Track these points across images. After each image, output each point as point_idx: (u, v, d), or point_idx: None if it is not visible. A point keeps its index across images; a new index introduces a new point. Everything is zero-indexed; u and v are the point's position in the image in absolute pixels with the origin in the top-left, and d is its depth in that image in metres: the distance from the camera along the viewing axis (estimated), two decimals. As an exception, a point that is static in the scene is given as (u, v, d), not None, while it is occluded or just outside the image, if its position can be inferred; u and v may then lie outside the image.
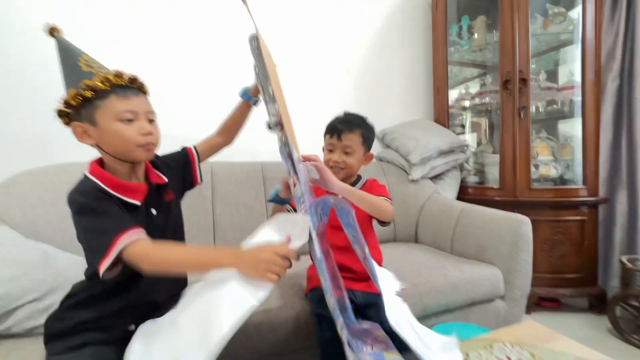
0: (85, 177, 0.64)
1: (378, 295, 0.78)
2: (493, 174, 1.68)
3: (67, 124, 0.65)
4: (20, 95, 1.21)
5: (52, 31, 0.68)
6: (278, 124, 0.69)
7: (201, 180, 0.85)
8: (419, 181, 1.60)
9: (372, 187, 0.94)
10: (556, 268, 1.49)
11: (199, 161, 0.85)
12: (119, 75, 0.63)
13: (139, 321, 0.65)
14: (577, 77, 1.60)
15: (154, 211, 0.69)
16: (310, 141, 1.13)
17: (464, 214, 1.31)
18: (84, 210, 0.59)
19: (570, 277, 1.48)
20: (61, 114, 0.63)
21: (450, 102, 1.86)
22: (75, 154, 1.25)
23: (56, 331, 0.64)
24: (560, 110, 1.69)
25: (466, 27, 1.76)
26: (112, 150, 0.64)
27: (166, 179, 0.73)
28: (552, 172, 1.59)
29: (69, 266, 0.89)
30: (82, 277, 0.87)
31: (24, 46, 1.20)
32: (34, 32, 1.21)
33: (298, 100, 1.64)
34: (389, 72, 1.87)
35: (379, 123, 1.83)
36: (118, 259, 0.58)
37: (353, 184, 0.94)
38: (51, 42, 1.22)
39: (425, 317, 1.00)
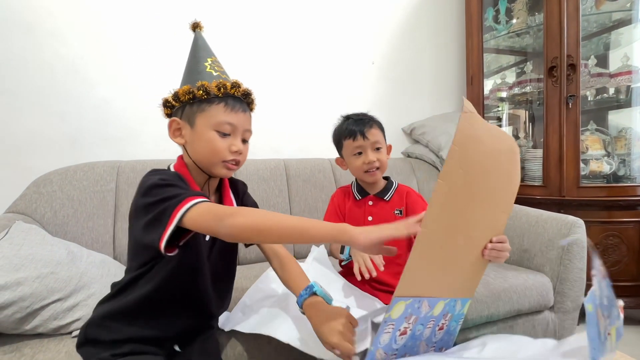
0: (168, 171, 0.63)
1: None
2: (534, 171, 1.54)
3: (168, 115, 0.64)
4: (50, 96, 1.22)
5: (195, 27, 0.68)
6: None
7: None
8: (452, 178, 1.49)
9: (415, 202, 0.85)
10: (610, 275, 1.33)
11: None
12: (235, 85, 0.62)
13: (182, 342, 0.63)
14: (635, 62, 1.43)
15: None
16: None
17: (505, 215, 1.19)
18: (160, 184, 0.55)
19: (627, 285, 1.33)
20: (167, 104, 0.63)
21: (484, 93, 1.72)
22: (103, 153, 1.27)
23: (99, 339, 0.60)
24: (614, 99, 1.52)
25: (504, 10, 1.62)
26: (196, 157, 0.62)
27: (235, 204, 0.70)
28: (605, 168, 1.43)
29: (94, 265, 0.88)
30: (106, 276, 0.86)
31: (53, 46, 1.21)
32: (63, 34, 1.23)
33: (321, 94, 1.58)
34: (418, 62, 1.76)
35: (407, 116, 1.76)
36: (180, 236, 0.53)
37: (385, 190, 0.87)
38: (80, 43, 1.24)
39: (465, 329, 0.91)
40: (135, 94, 1.31)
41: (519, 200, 1.30)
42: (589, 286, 1.04)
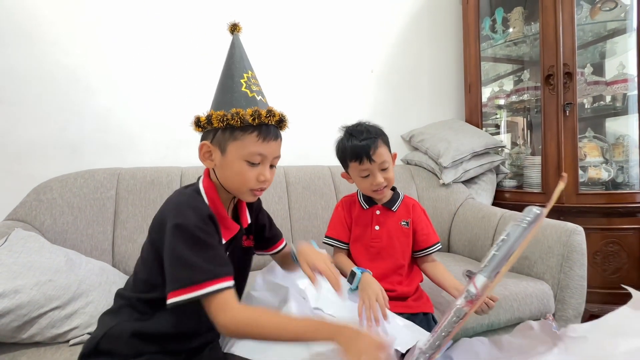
0: (198, 190, 0.62)
1: (416, 315, 0.77)
2: (532, 178, 1.55)
3: (198, 131, 0.64)
4: (50, 104, 1.23)
5: (234, 29, 0.66)
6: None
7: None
8: (451, 185, 1.49)
9: (419, 217, 0.87)
10: (610, 283, 1.33)
11: (276, 253, 0.80)
12: (270, 114, 0.61)
13: (192, 354, 0.63)
14: (630, 70, 1.45)
15: (227, 253, 0.66)
16: (332, 142, 1.06)
17: (505, 222, 1.19)
18: (187, 234, 0.54)
19: (628, 293, 1.32)
20: (198, 123, 0.62)
21: (482, 101, 1.74)
22: (103, 161, 1.27)
23: (113, 351, 0.59)
24: (611, 107, 1.53)
25: (500, 20, 1.65)
26: (224, 182, 0.63)
27: (250, 221, 0.71)
28: (604, 175, 1.44)
29: (93, 272, 0.88)
30: (104, 284, 0.86)
31: (54, 56, 1.22)
32: (64, 43, 1.25)
33: (320, 101, 1.59)
34: (417, 70, 1.78)
35: (406, 124, 1.77)
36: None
37: (392, 201, 0.87)
38: (81, 52, 1.26)
39: (465, 337, 0.90)
40: (135, 102, 1.32)
41: (518, 208, 1.32)
42: (589, 293, 1.05)
